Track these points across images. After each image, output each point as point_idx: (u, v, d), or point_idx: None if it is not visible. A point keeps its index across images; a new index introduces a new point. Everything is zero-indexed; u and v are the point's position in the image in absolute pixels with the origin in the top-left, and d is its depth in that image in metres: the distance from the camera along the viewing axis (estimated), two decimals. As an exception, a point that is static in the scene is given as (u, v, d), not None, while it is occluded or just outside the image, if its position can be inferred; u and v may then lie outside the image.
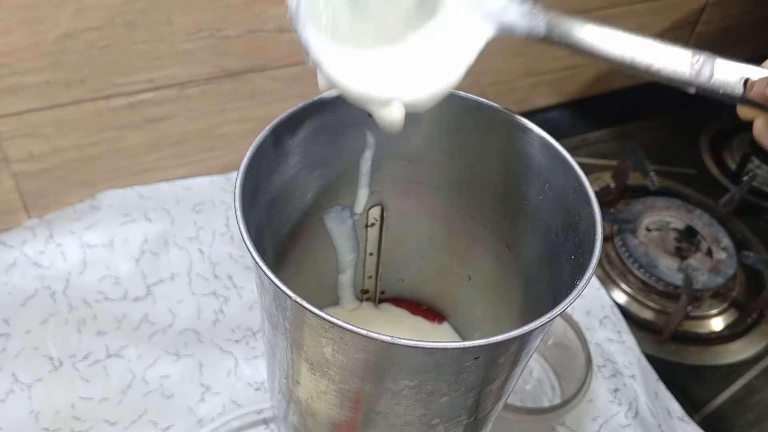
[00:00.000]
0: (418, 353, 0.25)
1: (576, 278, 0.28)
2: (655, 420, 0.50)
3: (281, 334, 0.29)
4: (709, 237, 0.61)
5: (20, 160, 0.51)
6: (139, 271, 0.52)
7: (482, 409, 0.31)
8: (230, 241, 0.55)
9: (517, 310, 0.37)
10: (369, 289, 0.44)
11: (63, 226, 0.53)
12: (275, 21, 0.52)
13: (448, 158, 0.36)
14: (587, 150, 0.72)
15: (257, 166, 0.30)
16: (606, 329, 0.54)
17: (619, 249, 0.60)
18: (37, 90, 0.48)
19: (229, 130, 0.58)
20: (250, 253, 0.26)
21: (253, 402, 0.47)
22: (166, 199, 0.56)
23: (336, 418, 0.31)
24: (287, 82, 0.56)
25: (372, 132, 0.35)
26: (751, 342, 0.57)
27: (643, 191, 0.66)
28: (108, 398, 0.46)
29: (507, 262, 0.37)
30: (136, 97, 0.52)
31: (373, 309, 0.45)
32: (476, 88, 0.67)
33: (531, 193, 0.34)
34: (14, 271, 0.51)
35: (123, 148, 0.54)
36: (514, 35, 0.29)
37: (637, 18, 0.71)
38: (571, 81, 0.73)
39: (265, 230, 0.33)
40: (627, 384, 0.51)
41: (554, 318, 0.26)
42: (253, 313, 0.52)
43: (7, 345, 0.48)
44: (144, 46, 0.49)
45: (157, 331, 0.50)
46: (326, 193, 0.37)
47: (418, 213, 0.39)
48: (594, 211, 0.29)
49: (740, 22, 0.79)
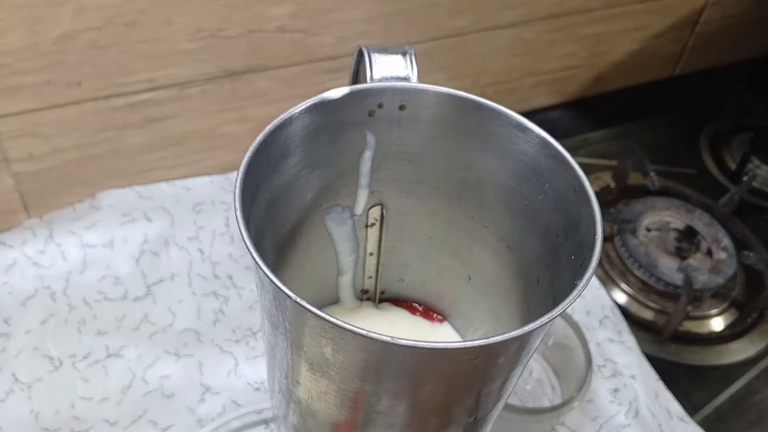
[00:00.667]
0: (418, 353, 0.25)
1: (576, 278, 0.28)
2: (655, 420, 0.50)
3: (281, 334, 0.29)
4: (709, 237, 0.61)
5: (20, 160, 0.51)
6: (139, 271, 0.52)
7: (482, 409, 0.31)
8: (230, 241, 0.55)
9: (518, 310, 0.37)
10: (369, 289, 0.44)
11: (63, 226, 0.53)
12: (275, 21, 0.52)
13: (448, 158, 0.36)
14: (587, 150, 0.72)
15: (257, 166, 0.30)
16: (606, 329, 0.54)
17: (619, 249, 0.60)
18: (37, 90, 0.48)
19: (229, 130, 0.58)
20: (250, 253, 0.26)
21: (253, 402, 0.47)
22: (166, 199, 0.56)
23: (336, 418, 0.31)
24: (287, 82, 0.56)
25: (372, 132, 0.35)
26: (751, 342, 0.57)
27: (643, 191, 0.66)
28: (108, 398, 0.46)
29: (507, 262, 0.37)
30: (136, 97, 0.52)
31: (373, 309, 0.45)
32: (476, 88, 0.67)
33: (531, 193, 0.34)
34: (14, 271, 0.51)
35: (123, 148, 0.54)
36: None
37: (637, 18, 0.71)
38: (571, 81, 0.73)
39: (265, 230, 0.33)
40: (627, 384, 0.51)
41: (554, 318, 0.26)
42: (253, 313, 0.52)
43: (7, 345, 0.48)
44: (144, 46, 0.49)
45: (157, 331, 0.50)
46: (326, 193, 0.37)
47: (418, 213, 0.39)
48: (594, 211, 0.29)
49: (740, 22, 0.79)
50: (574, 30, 0.68)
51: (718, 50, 0.81)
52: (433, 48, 0.61)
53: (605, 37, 0.71)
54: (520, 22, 0.64)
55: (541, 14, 0.65)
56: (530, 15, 0.64)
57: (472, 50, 0.64)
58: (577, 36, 0.69)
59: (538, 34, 0.66)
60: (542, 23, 0.65)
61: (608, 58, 0.73)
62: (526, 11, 0.63)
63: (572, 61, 0.71)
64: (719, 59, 0.82)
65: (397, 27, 0.58)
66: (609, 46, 0.72)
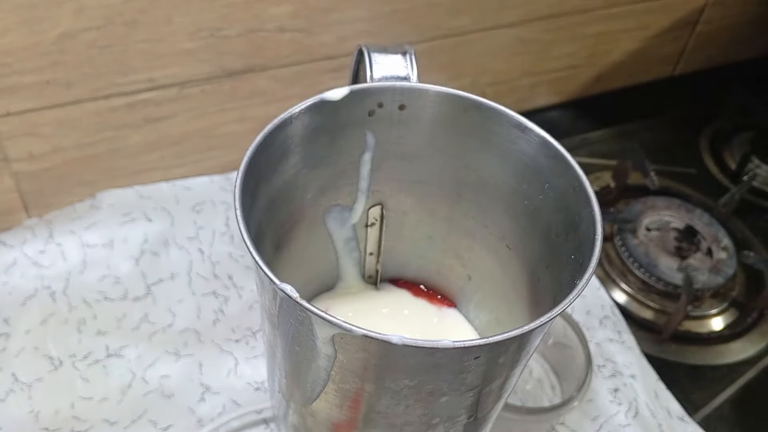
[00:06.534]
0: (418, 353, 0.25)
1: (576, 278, 0.28)
2: (655, 420, 0.50)
3: (281, 333, 0.29)
4: (709, 237, 0.61)
5: (20, 159, 0.51)
6: (139, 270, 0.52)
7: (482, 409, 0.31)
8: (230, 241, 0.55)
9: (518, 309, 0.37)
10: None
11: (63, 225, 0.53)
12: (275, 21, 0.52)
13: (448, 158, 0.36)
14: (587, 150, 0.72)
15: (257, 166, 0.30)
16: (606, 329, 0.54)
17: (619, 249, 0.60)
18: (37, 90, 0.48)
19: (229, 130, 0.58)
20: (250, 252, 0.26)
21: (253, 402, 0.47)
22: (166, 198, 0.56)
23: (336, 418, 0.31)
24: (287, 82, 0.56)
25: (372, 132, 0.35)
26: (751, 342, 0.57)
27: (643, 191, 0.66)
28: (108, 398, 0.46)
29: (507, 262, 0.37)
30: (136, 96, 0.52)
31: (374, 290, 0.44)
32: (476, 87, 0.67)
33: (531, 193, 0.34)
34: (14, 271, 0.51)
35: (123, 147, 0.54)
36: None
37: (637, 18, 0.71)
38: (571, 81, 0.73)
39: (265, 230, 0.33)
40: (627, 384, 0.51)
41: (554, 318, 0.26)
42: (253, 313, 0.52)
43: (7, 345, 0.48)
44: (144, 46, 0.49)
45: (157, 331, 0.50)
46: (326, 193, 0.37)
47: (418, 213, 0.39)
48: (594, 210, 0.29)
49: (740, 22, 0.79)
50: (574, 30, 0.68)
51: (718, 50, 0.81)
52: (433, 48, 0.61)
53: (605, 37, 0.71)
54: (520, 22, 0.64)
55: (541, 14, 0.65)
56: (530, 15, 0.64)
57: (472, 50, 0.64)
58: (577, 36, 0.69)
59: (538, 34, 0.66)
60: (542, 23, 0.65)
61: (608, 57, 0.73)
62: (526, 11, 0.63)
63: (572, 61, 0.71)
64: (719, 59, 0.82)
65: (397, 27, 0.58)
66: (609, 46, 0.72)
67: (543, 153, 0.32)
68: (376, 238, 0.41)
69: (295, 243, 0.37)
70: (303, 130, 0.33)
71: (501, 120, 0.33)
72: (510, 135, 0.33)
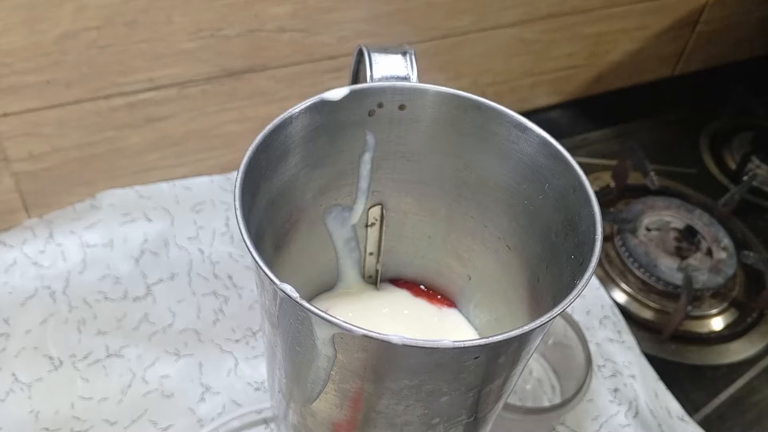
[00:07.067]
0: (418, 353, 0.25)
1: (576, 278, 0.28)
2: (655, 420, 0.50)
3: (281, 333, 0.29)
4: (709, 237, 0.61)
5: (20, 159, 0.51)
6: (139, 270, 0.52)
7: (482, 409, 0.31)
8: (230, 241, 0.55)
9: (518, 309, 0.37)
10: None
11: (63, 225, 0.53)
12: (275, 21, 0.52)
13: (448, 158, 0.36)
14: (587, 150, 0.72)
15: (257, 166, 0.30)
16: (606, 329, 0.54)
17: (619, 249, 0.60)
18: (37, 90, 0.48)
19: (229, 130, 0.58)
20: (250, 252, 0.26)
21: (253, 402, 0.47)
22: (166, 198, 0.56)
23: (336, 418, 0.31)
24: (287, 82, 0.56)
25: (372, 132, 0.35)
26: (751, 342, 0.57)
27: (643, 191, 0.66)
28: (108, 398, 0.46)
29: (507, 262, 0.37)
30: (136, 96, 0.52)
31: (374, 290, 0.44)
32: (476, 87, 0.67)
33: (531, 193, 0.34)
34: (14, 271, 0.51)
35: (123, 147, 0.54)
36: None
37: (637, 18, 0.71)
38: (571, 81, 0.74)
39: (265, 230, 0.33)
40: (627, 384, 0.51)
41: (554, 318, 0.26)
42: (253, 313, 0.52)
43: (7, 345, 0.48)
44: (144, 46, 0.49)
45: (157, 331, 0.50)
46: (326, 193, 0.37)
47: (418, 213, 0.39)
48: (594, 210, 0.29)
49: (740, 22, 0.79)
50: (574, 30, 0.68)
51: (718, 50, 0.81)
52: (433, 48, 0.61)
53: (605, 37, 0.71)
54: (520, 22, 0.64)
55: (541, 14, 0.65)
56: (530, 15, 0.64)
57: (472, 50, 0.64)
58: (577, 36, 0.69)
59: (538, 34, 0.66)
60: (542, 23, 0.65)
61: (608, 57, 0.73)
62: (526, 11, 0.63)
63: (572, 61, 0.71)
64: (719, 59, 0.82)
65: (397, 27, 0.58)
66: (609, 46, 0.72)
67: (543, 153, 0.32)
68: (376, 238, 0.41)
69: (295, 243, 0.37)
70: (303, 130, 0.33)
71: (501, 120, 0.33)
72: (510, 135, 0.33)
